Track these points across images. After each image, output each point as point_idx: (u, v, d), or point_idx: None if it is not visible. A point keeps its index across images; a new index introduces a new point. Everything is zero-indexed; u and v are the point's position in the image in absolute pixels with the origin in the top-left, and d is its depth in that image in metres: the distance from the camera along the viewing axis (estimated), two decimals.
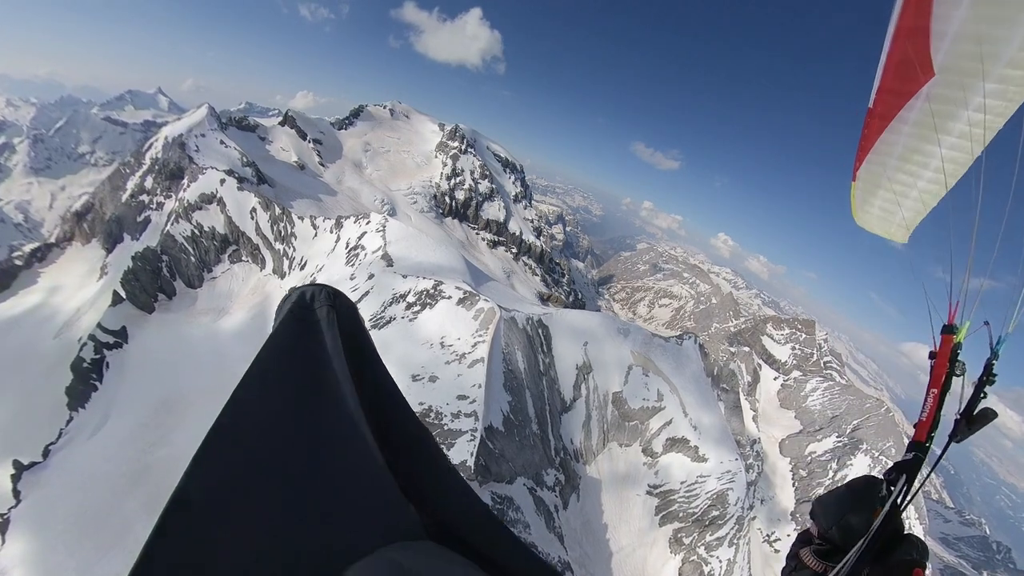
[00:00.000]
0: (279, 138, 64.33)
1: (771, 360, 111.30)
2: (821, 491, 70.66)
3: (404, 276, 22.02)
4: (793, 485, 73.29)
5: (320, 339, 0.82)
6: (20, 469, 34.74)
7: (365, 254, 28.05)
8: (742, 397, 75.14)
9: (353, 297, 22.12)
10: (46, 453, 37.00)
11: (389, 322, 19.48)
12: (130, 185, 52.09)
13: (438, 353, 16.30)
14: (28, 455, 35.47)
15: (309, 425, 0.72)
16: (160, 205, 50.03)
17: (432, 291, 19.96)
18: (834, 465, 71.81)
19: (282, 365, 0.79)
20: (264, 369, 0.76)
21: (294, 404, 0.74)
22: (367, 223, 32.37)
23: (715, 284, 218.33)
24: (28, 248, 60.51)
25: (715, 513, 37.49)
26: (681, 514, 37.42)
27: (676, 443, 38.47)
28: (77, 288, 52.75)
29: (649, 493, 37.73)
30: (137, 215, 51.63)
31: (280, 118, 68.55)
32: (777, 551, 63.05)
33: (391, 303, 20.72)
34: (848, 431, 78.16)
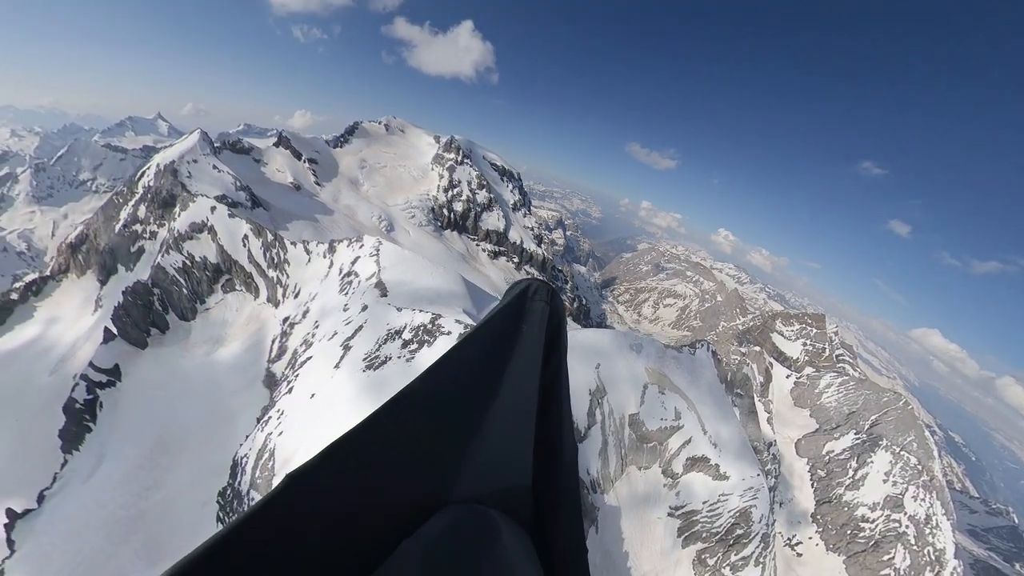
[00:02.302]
0: (274, 159, 63.48)
1: (782, 358, 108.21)
2: (841, 491, 68.21)
3: (399, 309, 20.33)
4: (812, 486, 70.39)
5: (532, 327, 0.99)
6: (14, 518, 33.38)
7: (359, 281, 26.51)
8: (756, 399, 72.65)
9: (346, 332, 20.35)
10: (40, 499, 35.61)
11: (385, 362, 17.79)
12: (123, 215, 51.21)
13: None
14: (22, 501, 34.15)
15: (498, 391, 0.88)
16: (153, 234, 49.03)
17: (430, 326, 18.28)
18: (854, 463, 68.84)
19: (494, 334, 0.97)
20: (486, 332, 0.96)
21: (499, 364, 0.91)
22: (360, 247, 30.88)
23: (719, 281, 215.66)
24: (23, 282, 59.71)
25: (739, 531, 35.45)
26: (704, 534, 35.40)
27: (696, 462, 36.53)
28: (73, 321, 51.75)
29: (671, 515, 35.73)
30: (131, 245, 50.66)
31: (275, 139, 67.79)
32: (800, 555, 60.23)
33: (386, 340, 19.04)
34: (866, 427, 75.04)
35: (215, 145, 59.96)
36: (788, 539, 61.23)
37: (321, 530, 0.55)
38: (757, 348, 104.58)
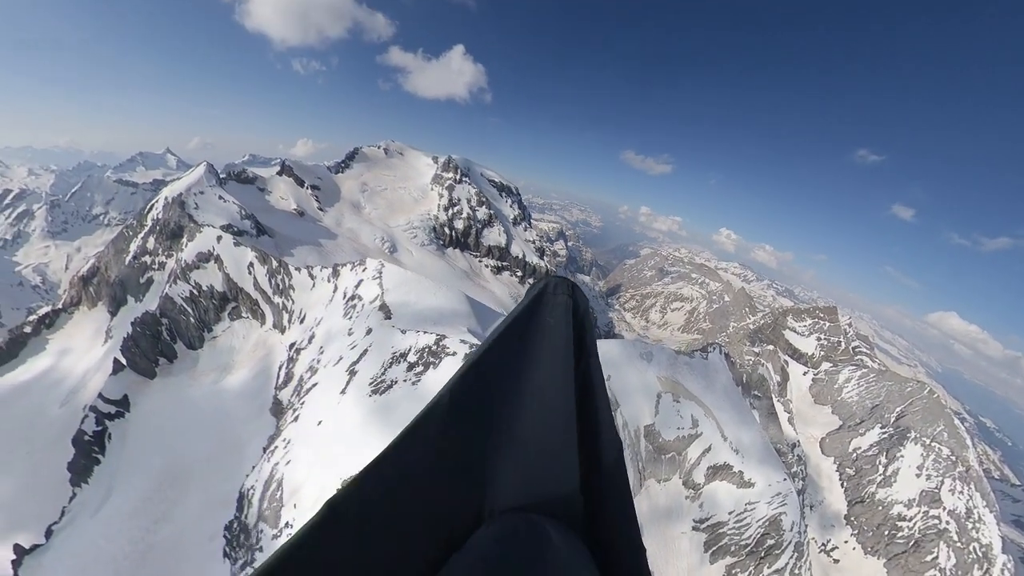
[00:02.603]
0: (278, 187, 64.89)
1: (797, 355, 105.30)
2: (873, 489, 65.02)
3: (403, 331, 20.25)
4: (842, 486, 67.19)
5: (557, 320, 0.98)
6: (21, 553, 33.05)
7: (363, 304, 26.55)
8: (775, 400, 70.53)
9: (352, 357, 20.21)
10: (48, 533, 35.32)
11: (391, 387, 17.59)
12: (133, 247, 52.27)
13: None
14: (30, 536, 33.87)
15: (532, 389, 0.85)
16: (162, 265, 49.91)
17: (434, 347, 18.12)
18: (883, 459, 65.82)
19: (520, 332, 0.95)
20: (511, 330, 0.94)
21: (528, 358, 0.89)
22: (363, 270, 31.08)
23: (725, 281, 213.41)
24: (36, 315, 60.74)
25: (770, 542, 33.68)
26: (733, 547, 33.68)
27: (719, 470, 35.15)
28: (84, 352, 52.32)
29: (696, 528, 34.21)
30: (140, 276, 51.54)
31: (278, 168, 69.46)
32: (836, 560, 57.15)
33: (391, 363, 18.89)
34: (892, 420, 71.94)
35: (221, 176, 61.56)
36: (822, 545, 58.24)
37: (366, 555, 0.54)
38: (771, 347, 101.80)
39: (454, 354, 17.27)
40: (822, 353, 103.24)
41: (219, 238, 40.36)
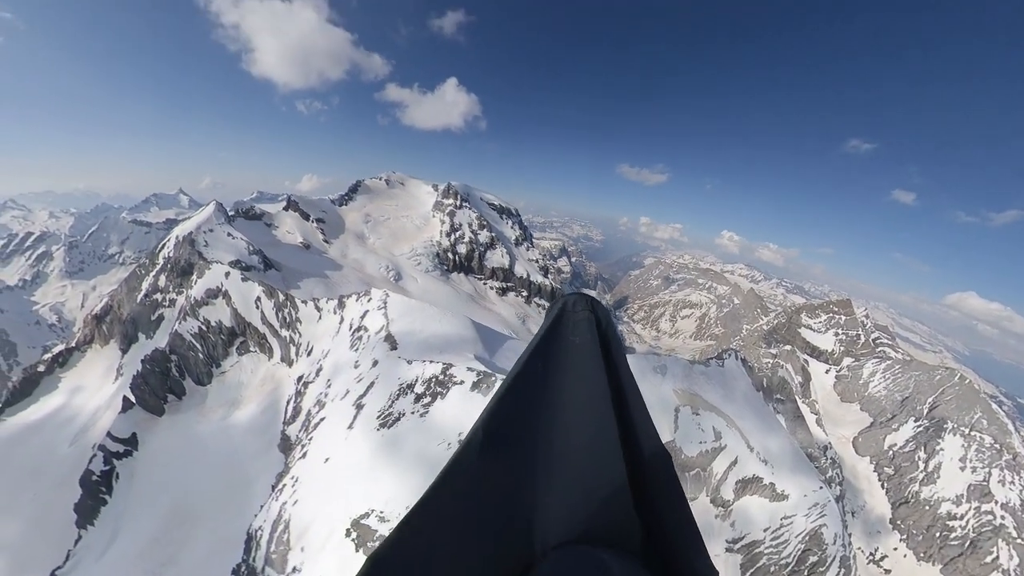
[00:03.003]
0: (284, 222, 66.63)
1: (817, 352, 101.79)
2: (916, 488, 60.63)
3: (409, 362, 20.20)
4: (882, 487, 63.08)
5: (583, 337, 0.94)
6: None
7: (368, 335, 26.67)
8: (799, 402, 67.78)
9: (358, 390, 20.13)
10: None
11: (398, 419, 17.41)
12: (144, 285, 53.45)
13: None
14: None
15: (568, 412, 0.81)
16: (172, 302, 50.83)
17: (441, 377, 18.02)
18: (922, 454, 61.86)
19: (550, 352, 0.91)
20: (536, 355, 0.90)
21: (558, 381, 0.85)
22: (368, 300, 31.38)
23: (733, 283, 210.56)
24: (50, 354, 61.64)
25: (813, 559, 31.29)
26: (773, 568, 31.34)
27: (748, 484, 33.22)
28: (96, 390, 52.65)
29: (729, 550, 32.12)
30: (151, 314, 52.44)
31: (285, 203, 71.56)
32: (888, 571, 52.99)
33: (398, 395, 18.76)
34: (925, 412, 68.07)
35: (230, 214, 63.51)
36: (870, 554, 54.20)
37: None
38: (788, 347, 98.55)
39: (461, 383, 17.14)
40: (842, 348, 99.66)
41: (227, 274, 41.21)
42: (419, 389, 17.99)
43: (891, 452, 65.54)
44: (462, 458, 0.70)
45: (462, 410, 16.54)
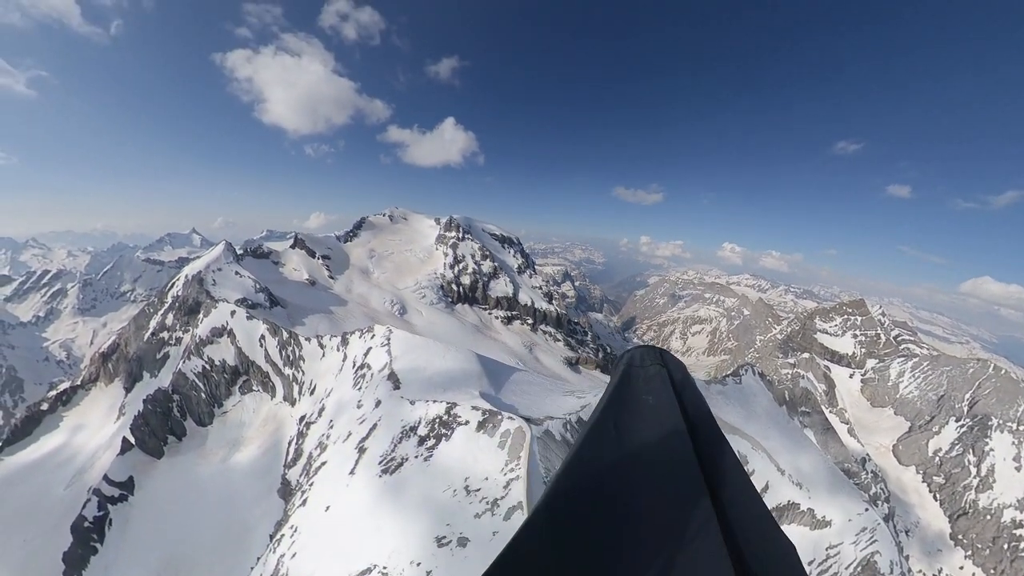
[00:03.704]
0: (291, 260, 67.97)
1: (837, 357, 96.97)
2: (972, 495, 54.92)
3: (412, 402, 19.78)
4: (935, 498, 57.51)
5: (658, 397, 0.85)
6: None
7: (371, 374, 26.33)
8: (827, 412, 63.57)
9: (361, 432, 19.60)
10: None
11: (401, 464, 16.79)
12: (152, 324, 53.97)
13: (463, 502, 13.27)
14: None
15: (647, 479, 0.67)
16: (179, 340, 51.06)
17: (445, 417, 17.54)
18: (971, 457, 56.61)
19: (621, 417, 0.81)
20: (606, 421, 0.80)
21: (634, 451, 0.73)
22: (372, 337, 31.26)
23: (740, 294, 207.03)
24: (55, 391, 61.34)
25: None
26: None
27: (784, 512, 30.43)
28: (97, 429, 51.91)
29: None
30: (156, 352, 52.57)
31: (292, 241, 73.35)
32: None
33: (401, 438, 18.22)
34: (966, 409, 63.06)
35: (240, 252, 65.07)
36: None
37: None
38: (805, 354, 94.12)
39: (466, 423, 16.61)
40: (863, 350, 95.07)
41: (233, 312, 41.58)
42: (422, 431, 17.47)
43: (937, 459, 60.65)
44: (520, 544, 0.58)
45: (467, 451, 15.94)
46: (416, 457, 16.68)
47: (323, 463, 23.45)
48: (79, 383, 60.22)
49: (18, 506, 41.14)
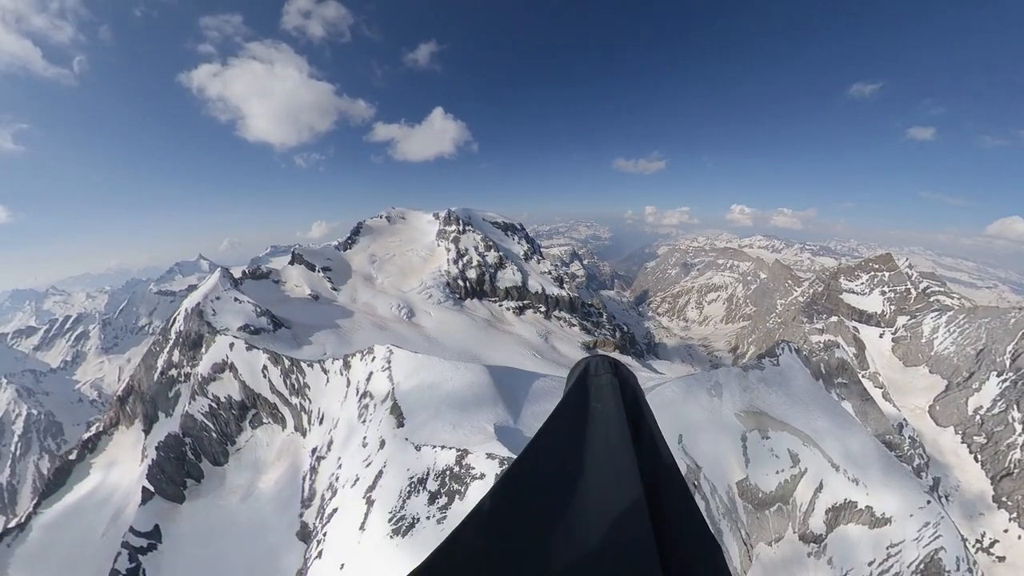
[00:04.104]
0: (291, 277, 65.67)
1: (865, 317, 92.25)
2: (1017, 454, 52.02)
3: (417, 448, 16.92)
4: (975, 459, 54.66)
5: (606, 404, 0.89)
6: None
7: (374, 405, 23.70)
8: (861, 379, 60.06)
9: (367, 476, 16.50)
10: None
11: (413, 525, 14.06)
12: (160, 362, 52.66)
13: None
14: None
15: (589, 473, 0.71)
16: (188, 376, 49.63)
17: (456, 469, 14.65)
18: (1016, 413, 53.01)
19: (571, 420, 0.86)
20: (556, 424, 0.84)
21: (579, 453, 0.77)
22: (372, 360, 28.60)
23: (754, 257, 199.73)
24: (80, 440, 61.39)
25: None
26: None
27: (840, 512, 28.14)
28: (123, 475, 51.55)
29: None
30: (168, 391, 51.36)
31: (290, 258, 70.93)
32: (1001, 558, 44.70)
33: (409, 492, 15.45)
34: (1008, 363, 58.72)
35: (243, 272, 63.06)
36: (976, 541, 46.11)
37: None
38: (834, 318, 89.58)
39: (482, 477, 13.73)
40: (892, 308, 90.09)
41: (231, 345, 39.43)
42: (432, 486, 14.64)
43: (978, 417, 56.93)
44: (462, 535, 0.57)
45: None
46: (429, 518, 13.95)
47: (335, 509, 21.20)
48: (102, 429, 60.13)
49: (62, 555, 40.92)
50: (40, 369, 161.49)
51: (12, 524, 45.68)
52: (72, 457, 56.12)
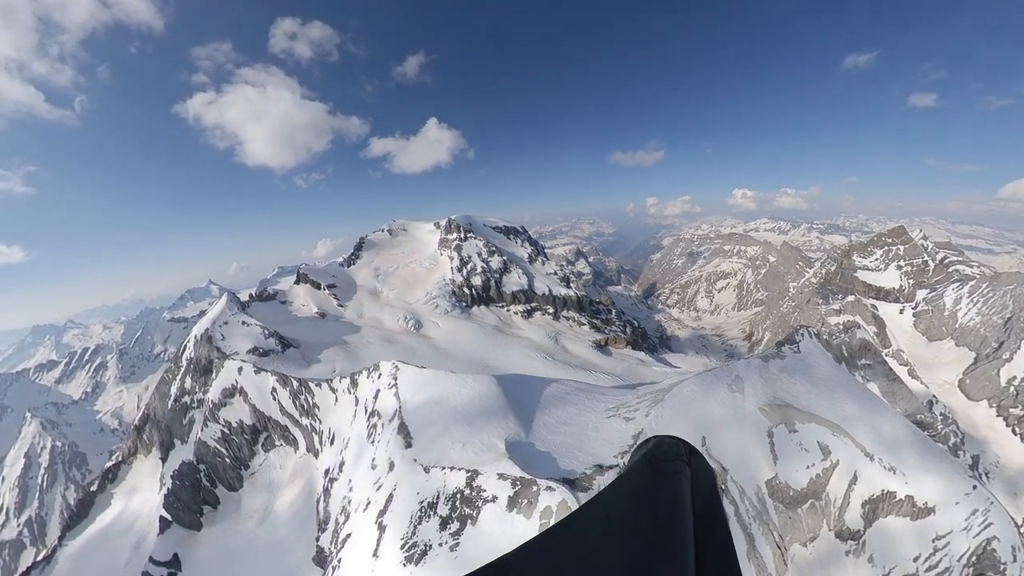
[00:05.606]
0: (297, 296, 65.84)
1: (883, 293, 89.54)
2: None
3: (427, 470, 16.24)
4: (1014, 432, 52.66)
5: (671, 492, 0.75)
6: None
7: (382, 424, 23.12)
8: (886, 358, 58.02)
9: (378, 500, 15.82)
10: None
11: (425, 552, 13.32)
12: (173, 390, 52.91)
13: None
14: None
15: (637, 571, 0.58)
16: (200, 402, 49.75)
17: (467, 492, 13.91)
18: None
19: (625, 504, 0.72)
20: (607, 500, 0.71)
21: (629, 544, 0.61)
22: (378, 376, 28.07)
23: (762, 241, 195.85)
24: (102, 470, 61.90)
25: None
26: None
27: (878, 504, 26.37)
28: (143, 503, 51.75)
29: None
30: (182, 418, 51.53)
31: (295, 278, 71.22)
32: None
33: (420, 518, 14.75)
34: None
35: (251, 295, 63.41)
36: (1023, 521, 43.96)
37: None
38: (850, 297, 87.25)
39: (493, 499, 12.98)
40: (911, 282, 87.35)
41: (240, 369, 39.29)
42: (443, 510, 13.92)
43: (1012, 388, 54.56)
44: None
45: (501, 537, 12.22)
46: (441, 545, 13.24)
47: (348, 535, 20.60)
48: (121, 459, 60.60)
49: None
50: (62, 401, 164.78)
51: (40, 557, 46.07)
52: (94, 488, 56.58)
